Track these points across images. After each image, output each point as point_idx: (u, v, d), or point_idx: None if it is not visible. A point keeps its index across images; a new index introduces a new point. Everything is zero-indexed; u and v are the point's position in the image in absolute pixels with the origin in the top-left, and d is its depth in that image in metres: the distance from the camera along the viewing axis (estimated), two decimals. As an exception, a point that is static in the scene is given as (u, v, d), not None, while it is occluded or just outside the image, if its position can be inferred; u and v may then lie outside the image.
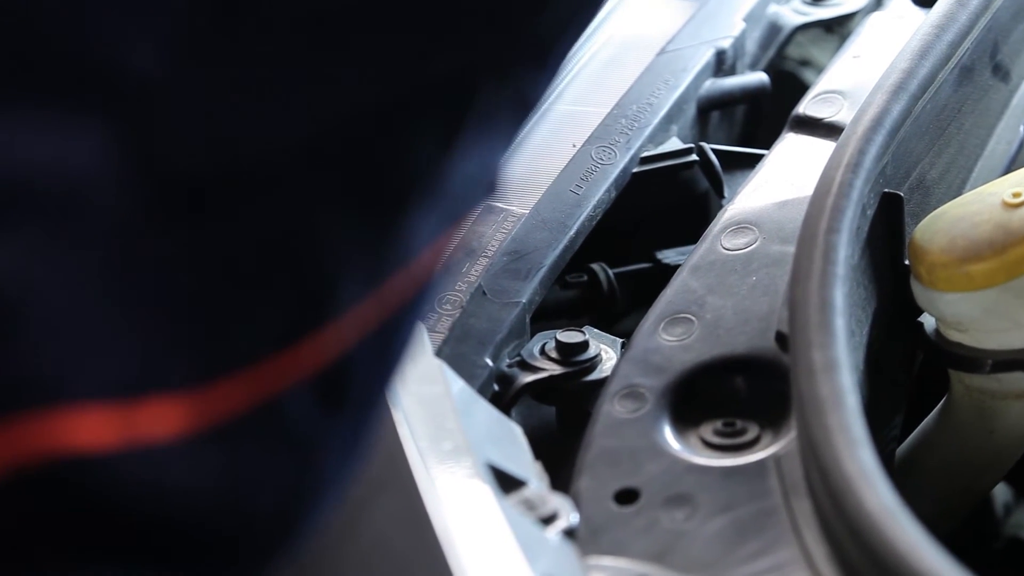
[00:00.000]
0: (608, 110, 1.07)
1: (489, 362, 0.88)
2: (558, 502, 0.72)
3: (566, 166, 1.02)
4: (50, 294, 0.43)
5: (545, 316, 0.97)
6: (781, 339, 0.83)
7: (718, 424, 0.81)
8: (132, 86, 0.44)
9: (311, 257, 0.48)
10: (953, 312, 0.85)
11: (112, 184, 0.44)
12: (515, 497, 0.72)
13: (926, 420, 0.95)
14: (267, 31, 0.46)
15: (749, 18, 1.19)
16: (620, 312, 1.02)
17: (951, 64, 0.95)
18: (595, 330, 0.92)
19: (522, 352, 0.90)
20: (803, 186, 0.93)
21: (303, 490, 0.51)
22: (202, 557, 0.48)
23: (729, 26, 1.17)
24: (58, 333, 0.43)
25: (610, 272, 1.01)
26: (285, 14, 0.46)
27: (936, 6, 0.98)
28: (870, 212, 0.87)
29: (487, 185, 0.54)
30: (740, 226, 0.93)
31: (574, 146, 1.04)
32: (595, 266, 1.01)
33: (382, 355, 0.52)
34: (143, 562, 0.47)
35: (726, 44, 1.15)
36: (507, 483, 0.73)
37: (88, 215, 0.44)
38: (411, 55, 0.48)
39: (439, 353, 0.84)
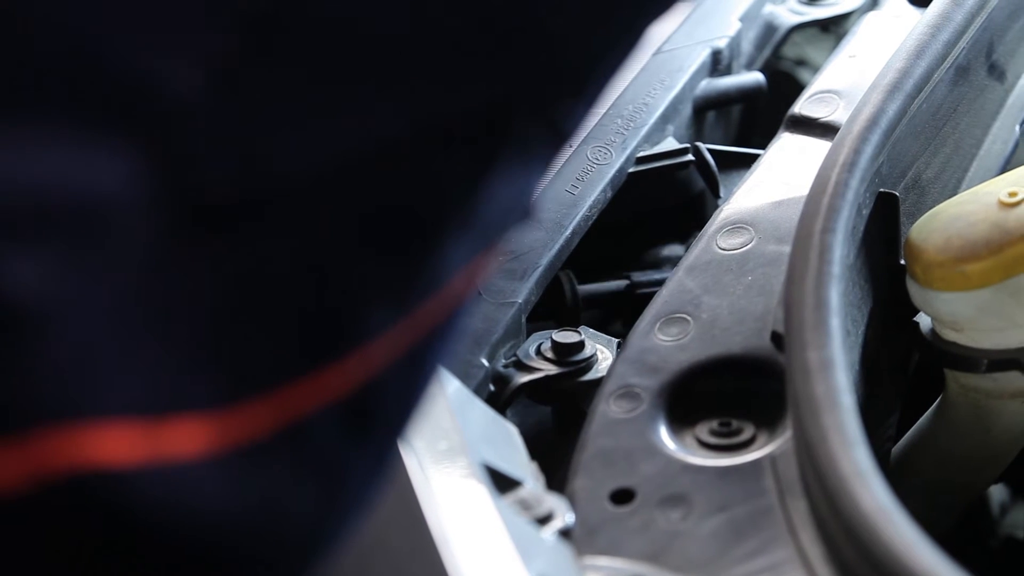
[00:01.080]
0: (604, 110, 1.07)
1: (485, 362, 0.88)
2: (554, 502, 0.72)
3: (562, 166, 1.02)
4: (76, 310, 0.43)
5: None
6: (776, 339, 0.83)
7: (714, 424, 0.81)
8: (165, 109, 0.44)
9: (339, 283, 0.48)
10: (949, 311, 0.86)
11: (140, 204, 0.44)
12: (511, 497, 0.72)
13: (921, 419, 0.95)
14: (302, 60, 0.46)
15: (745, 18, 1.19)
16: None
17: (947, 63, 0.96)
18: (591, 330, 0.92)
19: (518, 352, 0.90)
20: (799, 186, 0.93)
21: (327, 513, 0.51)
22: (225, 574, 0.48)
23: (725, 26, 1.17)
24: (84, 349, 0.44)
25: (575, 281, 1.01)
26: (320, 44, 0.46)
27: (932, 6, 0.98)
28: (866, 212, 0.87)
29: (521, 212, 0.54)
30: (736, 226, 0.93)
31: (570, 146, 1.04)
32: (560, 274, 1.00)
33: (410, 381, 0.52)
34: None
35: (722, 44, 1.15)
36: (503, 483, 0.73)
37: (115, 234, 0.44)
38: (445, 87, 0.48)
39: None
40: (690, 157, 1.05)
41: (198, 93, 0.44)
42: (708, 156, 1.05)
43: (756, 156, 1.02)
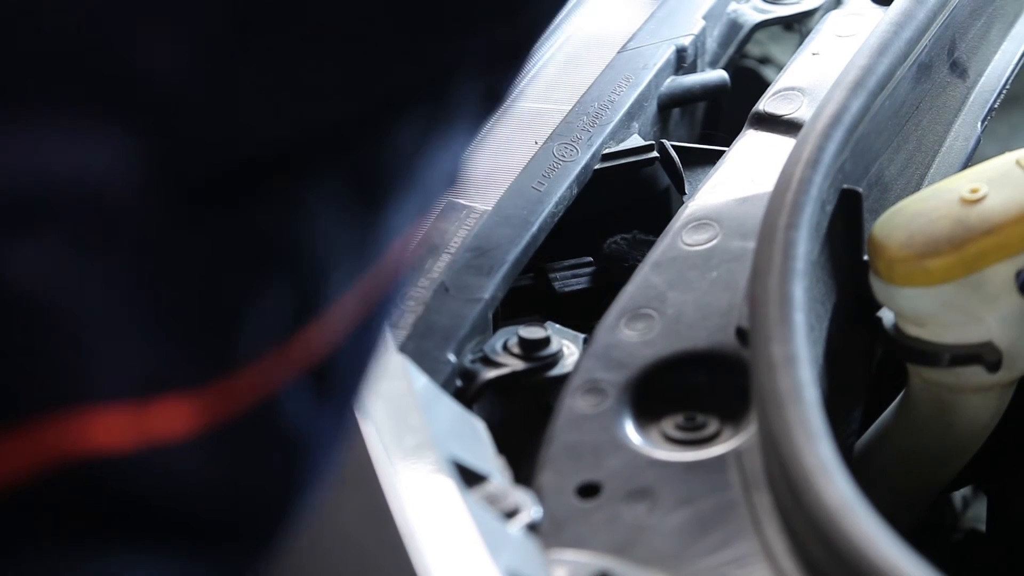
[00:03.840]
0: (570, 107, 1.07)
1: (452, 358, 0.88)
2: (521, 496, 0.73)
3: (528, 163, 1.02)
4: (71, 299, 0.44)
5: None
6: (741, 334, 0.83)
7: (679, 418, 0.81)
8: (154, 92, 0.45)
9: (309, 251, 0.49)
10: (911, 307, 0.86)
11: (127, 189, 0.45)
12: (478, 492, 0.73)
13: (885, 413, 0.95)
14: (274, 41, 0.46)
15: (709, 16, 1.19)
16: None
17: (909, 61, 0.96)
18: (557, 325, 0.92)
19: (485, 348, 0.90)
20: (763, 182, 0.94)
21: (298, 476, 0.52)
22: (212, 543, 0.50)
23: (689, 24, 1.17)
24: (79, 337, 0.44)
25: None
26: (291, 24, 0.46)
27: (894, 4, 0.99)
28: (829, 208, 0.87)
29: (452, 176, 0.56)
30: (701, 222, 0.93)
31: (536, 143, 1.04)
32: None
33: (364, 343, 0.53)
34: (158, 549, 0.48)
35: (686, 42, 1.15)
36: (470, 478, 0.73)
37: (108, 220, 0.44)
38: (396, 56, 0.49)
39: (403, 349, 0.84)
40: (655, 154, 1.06)
41: (184, 75, 0.45)
42: (673, 153, 1.06)
43: (721, 153, 1.02)
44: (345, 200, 0.50)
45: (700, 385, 0.83)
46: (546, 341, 0.89)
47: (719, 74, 1.16)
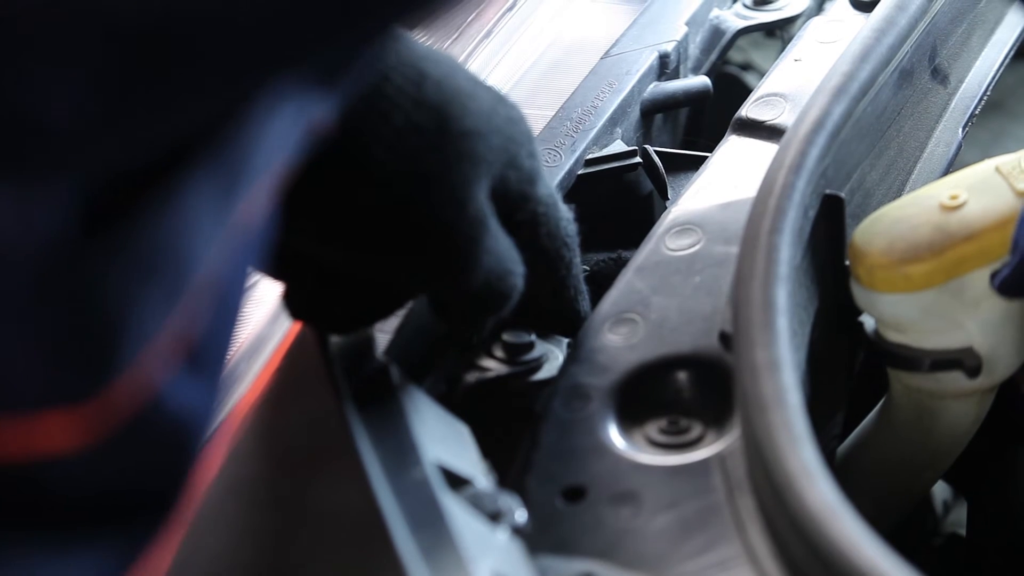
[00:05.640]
0: (553, 113, 1.08)
1: (437, 362, 0.88)
2: (505, 500, 0.73)
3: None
4: None
5: None
6: (725, 338, 0.84)
7: (663, 423, 0.81)
8: (49, 139, 0.45)
9: (179, 243, 0.50)
10: (892, 313, 0.87)
11: (19, 229, 0.46)
12: (463, 495, 0.73)
13: (867, 418, 0.96)
14: (162, 72, 0.47)
15: (692, 22, 1.20)
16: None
17: (891, 67, 0.97)
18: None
19: (469, 352, 0.90)
20: (746, 188, 0.94)
21: (187, 450, 0.54)
22: (118, 525, 0.53)
23: (672, 30, 1.18)
24: None
25: None
26: (178, 57, 0.47)
27: (876, 10, 0.99)
28: (812, 214, 0.88)
29: (294, 141, 0.57)
30: (684, 227, 0.94)
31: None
32: None
33: (223, 307, 0.55)
34: (70, 538, 0.51)
35: (669, 48, 1.16)
36: (455, 481, 0.73)
37: (7, 263, 0.46)
38: (257, 61, 0.50)
39: (387, 352, 0.85)
40: (638, 159, 1.06)
41: (79, 118, 0.45)
42: (656, 159, 1.06)
43: (704, 159, 1.03)
44: (208, 186, 0.51)
45: (684, 389, 0.84)
46: (530, 346, 0.90)
47: (702, 80, 1.17)
